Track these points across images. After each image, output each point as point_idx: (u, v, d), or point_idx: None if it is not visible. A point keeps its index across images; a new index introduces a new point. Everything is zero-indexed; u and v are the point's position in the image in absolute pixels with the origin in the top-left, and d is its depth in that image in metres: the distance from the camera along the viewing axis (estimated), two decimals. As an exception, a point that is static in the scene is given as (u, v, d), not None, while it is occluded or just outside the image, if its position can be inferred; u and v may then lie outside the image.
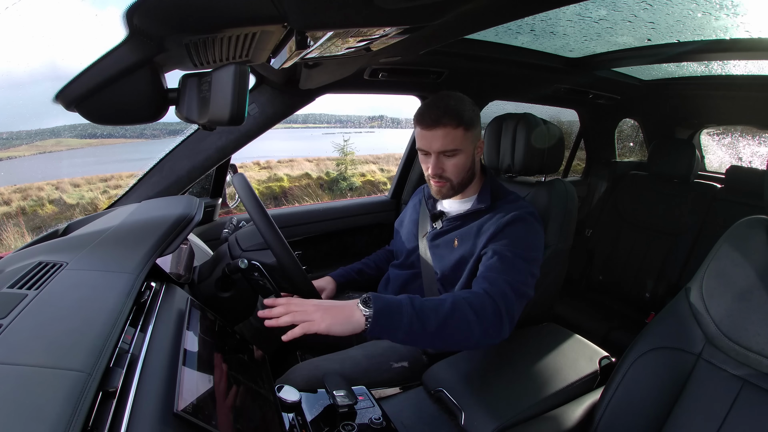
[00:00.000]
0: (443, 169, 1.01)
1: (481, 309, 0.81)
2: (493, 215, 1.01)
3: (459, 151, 1.00)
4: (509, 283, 0.86)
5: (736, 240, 0.78)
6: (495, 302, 0.83)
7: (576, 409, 0.88)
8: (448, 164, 1.01)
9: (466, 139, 0.99)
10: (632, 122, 2.72)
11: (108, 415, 0.39)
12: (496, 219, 1.00)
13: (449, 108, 0.96)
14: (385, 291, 1.21)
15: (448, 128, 0.97)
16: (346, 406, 0.73)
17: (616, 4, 1.00)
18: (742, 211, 0.91)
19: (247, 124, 1.21)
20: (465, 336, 0.79)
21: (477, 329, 0.79)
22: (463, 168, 1.02)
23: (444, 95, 1.00)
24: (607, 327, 1.82)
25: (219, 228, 1.22)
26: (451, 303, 0.79)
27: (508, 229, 0.97)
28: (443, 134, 0.97)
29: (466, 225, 1.06)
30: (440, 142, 0.98)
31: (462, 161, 1.01)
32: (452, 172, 1.02)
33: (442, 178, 1.03)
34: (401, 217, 1.30)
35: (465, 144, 0.99)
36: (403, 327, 0.74)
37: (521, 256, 0.92)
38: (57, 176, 6.43)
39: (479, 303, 0.82)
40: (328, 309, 0.72)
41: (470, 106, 1.00)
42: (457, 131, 0.97)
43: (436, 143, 0.98)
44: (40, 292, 0.51)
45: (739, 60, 1.47)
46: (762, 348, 0.69)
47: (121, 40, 0.51)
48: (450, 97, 0.99)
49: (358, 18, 0.57)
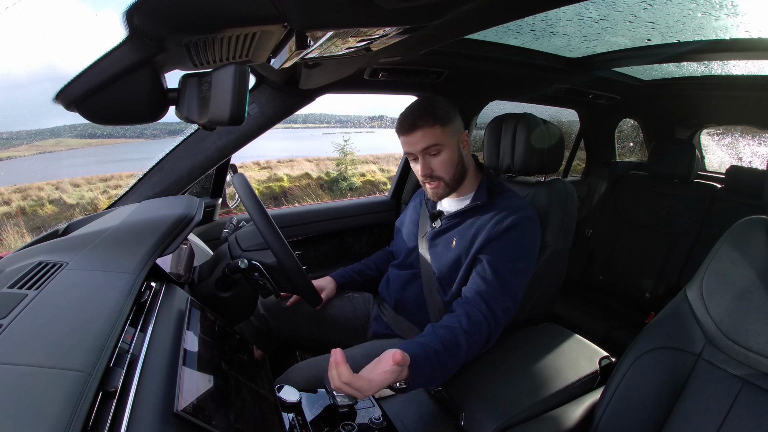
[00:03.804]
0: (431, 168, 1.04)
1: (479, 339, 0.90)
2: (492, 215, 1.02)
3: (442, 147, 1.02)
4: (502, 307, 0.94)
5: (736, 240, 0.78)
6: (489, 326, 0.91)
7: (576, 409, 0.88)
8: (435, 162, 1.04)
9: (446, 134, 1.02)
10: (632, 122, 2.72)
11: (108, 415, 0.39)
12: (494, 221, 1.00)
13: (421, 110, 1.01)
14: (386, 292, 1.21)
15: (425, 128, 1.01)
16: (346, 406, 0.74)
17: (616, 4, 1.00)
18: (742, 211, 0.91)
19: (247, 124, 1.21)
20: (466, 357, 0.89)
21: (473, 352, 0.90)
22: (450, 163, 1.04)
23: (416, 102, 1.05)
24: (607, 327, 1.82)
25: (219, 228, 1.22)
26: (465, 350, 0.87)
27: (504, 236, 0.98)
28: (422, 134, 1.01)
29: (464, 222, 1.07)
30: (421, 143, 1.02)
31: (448, 157, 1.04)
32: (441, 170, 1.04)
33: (433, 178, 1.05)
34: (402, 218, 1.30)
35: (446, 139, 1.02)
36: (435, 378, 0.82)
37: (514, 269, 0.97)
38: (57, 176, 6.43)
39: (478, 333, 0.90)
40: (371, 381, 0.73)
41: (443, 104, 1.04)
42: (435, 129, 1.01)
43: (417, 145, 1.02)
44: (40, 292, 0.51)
45: (739, 60, 1.47)
46: (762, 348, 0.69)
47: (121, 40, 0.51)
48: (422, 100, 1.04)
49: (358, 18, 0.57)
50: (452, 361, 0.84)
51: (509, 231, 0.98)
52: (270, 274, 0.88)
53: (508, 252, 0.97)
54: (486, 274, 0.95)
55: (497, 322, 0.92)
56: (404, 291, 1.15)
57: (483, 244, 0.99)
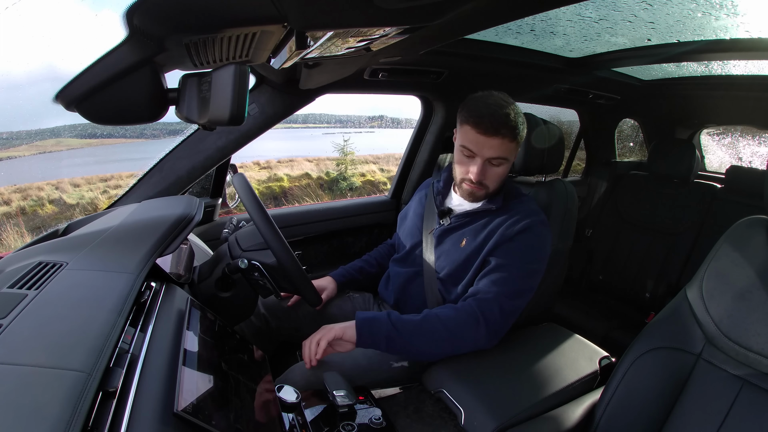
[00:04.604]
0: (486, 176, 1.01)
1: (456, 325, 0.91)
2: (505, 218, 1.01)
3: (507, 161, 1.00)
4: (500, 304, 0.93)
5: (736, 240, 0.78)
6: (477, 319, 0.91)
7: (576, 409, 0.88)
8: (492, 172, 1.00)
9: (514, 151, 1.00)
10: (632, 122, 2.72)
11: (108, 415, 0.38)
12: (507, 224, 1.00)
13: (510, 120, 0.95)
14: (386, 291, 1.21)
15: (506, 140, 0.96)
16: (346, 406, 0.74)
17: (616, 4, 1.00)
18: (742, 211, 0.91)
19: (247, 124, 1.21)
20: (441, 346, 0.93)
21: (448, 341, 0.91)
22: (503, 176, 1.03)
23: (502, 101, 0.97)
24: (607, 327, 1.82)
25: (219, 228, 1.22)
26: (422, 316, 0.92)
27: (517, 238, 0.98)
28: (499, 144, 0.96)
29: (476, 222, 1.06)
30: (494, 152, 0.97)
31: (505, 170, 1.02)
32: (493, 180, 1.02)
33: (482, 185, 1.02)
34: (405, 210, 1.28)
35: (513, 155, 1.01)
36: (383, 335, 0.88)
37: (524, 270, 0.96)
38: (57, 176, 6.43)
39: (455, 318, 0.92)
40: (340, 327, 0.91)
41: (523, 118, 1.00)
42: (512, 144, 0.97)
43: (489, 151, 0.97)
44: (40, 292, 0.51)
45: (739, 60, 1.47)
46: (762, 348, 0.69)
47: (121, 40, 0.51)
48: (508, 105, 0.97)
49: (358, 18, 0.57)
50: (407, 339, 0.89)
51: (522, 234, 0.98)
52: (270, 274, 0.87)
53: (520, 254, 0.97)
54: (494, 275, 0.95)
55: (495, 322, 0.92)
56: (405, 289, 1.14)
57: (495, 246, 0.98)
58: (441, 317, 0.92)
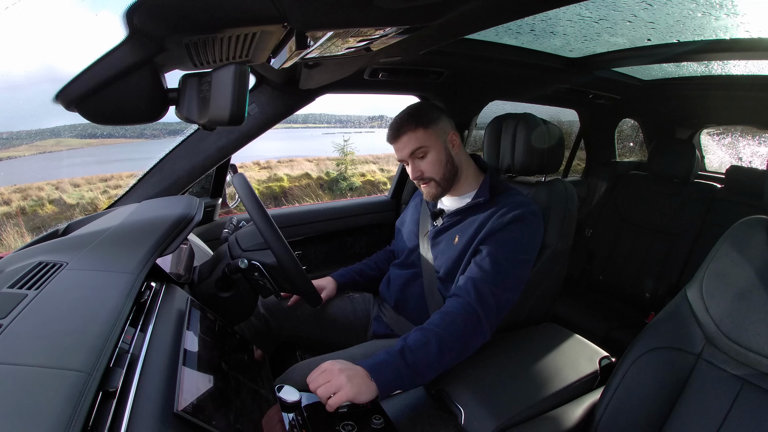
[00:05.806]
0: (421, 170, 1.07)
1: (463, 331, 0.88)
2: (495, 211, 1.02)
3: (427, 149, 1.06)
4: (494, 294, 0.92)
5: (736, 240, 0.78)
6: (478, 315, 0.90)
7: (576, 409, 0.88)
8: (423, 164, 1.07)
9: (429, 136, 1.05)
10: (632, 122, 2.72)
11: (108, 415, 0.38)
12: (497, 215, 1.00)
13: (404, 117, 1.06)
14: (387, 292, 1.21)
15: (408, 133, 1.05)
16: (345, 406, 0.74)
17: (616, 4, 1.00)
18: (742, 211, 0.91)
19: (247, 124, 1.21)
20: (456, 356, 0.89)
21: (460, 347, 0.89)
22: (438, 163, 1.07)
23: (402, 111, 1.08)
24: (607, 327, 1.82)
25: (219, 228, 1.22)
26: (436, 343, 0.85)
27: (508, 227, 0.98)
28: (406, 139, 1.06)
29: (466, 219, 1.07)
30: (406, 148, 1.06)
31: (435, 157, 1.06)
32: (430, 171, 1.07)
33: (425, 179, 1.08)
34: (402, 217, 1.31)
35: (430, 140, 1.06)
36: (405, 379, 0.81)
37: (514, 259, 0.96)
38: (57, 176, 6.43)
39: (461, 323, 0.88)
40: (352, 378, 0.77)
41: (425, 107, 1.09)
42: (417, 132, 1.05)
43: (404, 150, 1.07)
44: (40, 292, 0.51)
45: (739, 60, 1.47)
46: (762, 348, 0.69)
47: (121, 40, 0.51)
48: (406, 108, 1.08)
49: (358, 18, 0.57)
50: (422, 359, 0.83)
51: (512, 223, 0.98)
52: (270, 274, 0.88)
53: (509, 243, 0.97)
54: (483, 262, 0.95)
55: (489, 310, 0.91)
56: (405, 290, 1.15)
57: (485, 237, 0.99)
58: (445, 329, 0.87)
